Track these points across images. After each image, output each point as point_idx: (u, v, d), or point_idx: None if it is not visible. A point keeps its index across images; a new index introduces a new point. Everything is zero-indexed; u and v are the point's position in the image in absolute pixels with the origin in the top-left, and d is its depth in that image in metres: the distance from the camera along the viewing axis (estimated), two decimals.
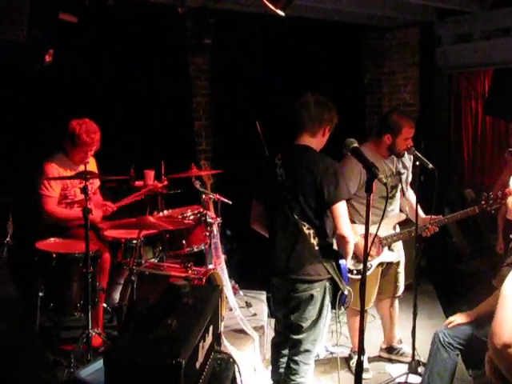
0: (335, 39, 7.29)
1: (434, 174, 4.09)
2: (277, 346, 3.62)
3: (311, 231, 3.25)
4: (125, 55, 5.81)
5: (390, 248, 4.32)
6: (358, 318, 4.12)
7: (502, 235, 5.60)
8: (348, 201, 3.33)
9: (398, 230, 4.36)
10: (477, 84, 7.78)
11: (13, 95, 5.01)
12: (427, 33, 7.43)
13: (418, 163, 4.04)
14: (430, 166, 4.09)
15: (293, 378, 3.39)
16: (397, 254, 4.40)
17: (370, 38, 8.07)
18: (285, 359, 3.53)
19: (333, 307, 3.35)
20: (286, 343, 3.51)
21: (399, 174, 4.29)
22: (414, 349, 4.10)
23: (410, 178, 4.43)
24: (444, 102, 7.81)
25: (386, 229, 4.26)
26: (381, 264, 4.36)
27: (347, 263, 3.35)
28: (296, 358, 3.39)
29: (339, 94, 7.33)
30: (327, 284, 3.30)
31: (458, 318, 3.71)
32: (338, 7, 6.35)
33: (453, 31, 7.13)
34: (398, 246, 4.44)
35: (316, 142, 3.39)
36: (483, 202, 4.18)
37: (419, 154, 4.10)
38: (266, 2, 4.18)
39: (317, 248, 3.26)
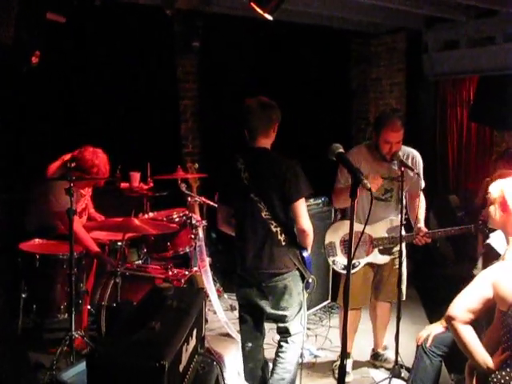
0: (323, 45, 7.33)
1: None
2: (245, 339, 3.77)
3: (278, 229, 3.48)
4: (111, 57, 5.81)
5: (381, 251, 4.30)
6: (349, 320, 4.14)
7: (481, 242, 5.62)
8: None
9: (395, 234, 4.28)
10: (462, 91, 7.83)
11: (7, 95, 4.99)
12: (414, 39, 7.48)
13: (403, 169, 4.03)
14: (415, 171, 4.11)
15: (283, 355, 3.67)
16: (387, 257, 4.36)
17: (357, 43, 8.12)
18: (255, 349, 3.76)
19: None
20: (254, 334, 3.74)
21: (397, 180, 4.17)
22: (397, 353, 4.11)
23: (422, 185, 4.29)
24: (430, 109, 7.87)
25: (379, 232, 4.26)
26: (371, 265, 4.35)
27: (309, 254, 3.59)
28: (287, 338, 3.67)
29: (326, 99, 7.42)
30: (296, 272, 3.55)
31: (433, 330, 3.73)
32: (325, 13, 6.38)
33: (439, 38, 7.18)
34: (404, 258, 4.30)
35: (270, 140, 3.60)
36: (481, 223, 4.02)
37: (404, 160, 4.11)
38: (255, 6, 4.20)
39: (284, 244, 3.49)
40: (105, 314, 4.10)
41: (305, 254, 3.58)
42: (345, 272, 4.31)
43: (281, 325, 3.67)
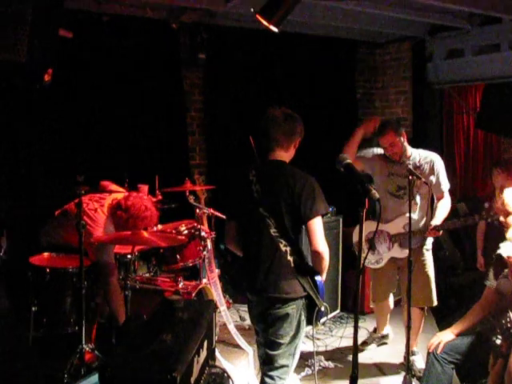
0: (328, 54, 7.36)
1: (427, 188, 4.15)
2: (261, 358, 3.53)
3: (288, 248, 3.20)
4: (119, 70, 5.84)
5: (401, 245, 4.61)
6: (378, 310, 5.06)
7: (480, 251, 5.60)
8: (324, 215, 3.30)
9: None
10: (468, 98, 7.84)
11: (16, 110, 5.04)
12: (419, 48, 7.49)
13: (410, 177, 4.06)
14: (423, 179, 4.14)
15: None
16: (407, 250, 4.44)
17: (362, 53, 8.13)
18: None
19: (309, 323, 3.31)
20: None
21: (409, 182, 4.24)
22: (408, 362, 4.10)
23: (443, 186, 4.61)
24: (436, 116, 7.87)
25: (396, 229, 4.62)
26: (393, 264, 4.71)
27: (323, 279, 3.30)
28: (271, 373, 3.32)
29: (332, 108, 7.44)
30: (303, 301, 3.26)
31: (444, 337, 3.72)
32: (330, 23, 6.41)
33: (444, 47, 7.19)
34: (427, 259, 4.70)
35: (288, 155, 3.37)
36: (484, 213, 4.37)
37: (412, 169, 4.16)
38: (260, 18, 4.22)
39: (293, 265, 3.20)
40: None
41: (317, 279, 3.26)
42: (374, 267, 4.77)
43: (269, 352, 3.32)
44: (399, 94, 7.94)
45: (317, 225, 3.17)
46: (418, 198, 4.56)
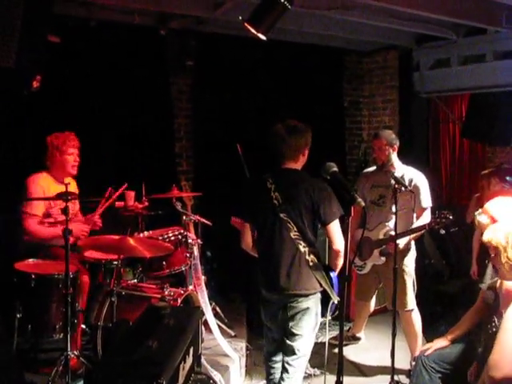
0: (316, 62, 7.39)
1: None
2: (270, 354, 3.81)
3: (307, 249, 3.50)
4: (106, 76, 5.84)
5: (380, 253, 4.76)
6: (358, 310, 5.35)
7: (476, 260, 5.62)
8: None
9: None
10: (454, 108, 7.90)
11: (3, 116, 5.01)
12: (406, 57, 7.56)
13: (396, 186, 4.10)
14: (409, 188, 4.17)
15: (289, 376, 3.60)
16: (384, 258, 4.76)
17: (349, 61, 8.19)
18: (278, 365, 3.75)
19: (322, 315, 3.66)
20: (279, 350, 3.74)
21: (394, 190, 4.26)
22: (393, 369, 4.12)
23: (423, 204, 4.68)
24: (422, 125, 7.93)
25: (376, 235, 4.76)
26: (375, 270, 4.89)
27: (336, 275, 3.65)
28: (292, 362, 3.61)
29: (319, 116, 7.46)
30: (319, 294, 3.59)
31: (436, 344, 3.73)
32: (318, 31, 6.45)
33: (430, 56, 7.26)
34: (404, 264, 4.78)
35: (299, 164, 3.67)
36: (432, 220, 4.46)
37: (397, 177, 4.18)
38: (249, 27, 4.24)
39: (311, 264, 3.51)
40: (101, 333, 4.08)
41: (332, 275, 3.62)
42: (358, 272, 5.03)
43: (289, 343, 3.62)
44: (386, 102, 8.00)
45: (336, 226, 3.52)
46: (392, 207, 4.48)
